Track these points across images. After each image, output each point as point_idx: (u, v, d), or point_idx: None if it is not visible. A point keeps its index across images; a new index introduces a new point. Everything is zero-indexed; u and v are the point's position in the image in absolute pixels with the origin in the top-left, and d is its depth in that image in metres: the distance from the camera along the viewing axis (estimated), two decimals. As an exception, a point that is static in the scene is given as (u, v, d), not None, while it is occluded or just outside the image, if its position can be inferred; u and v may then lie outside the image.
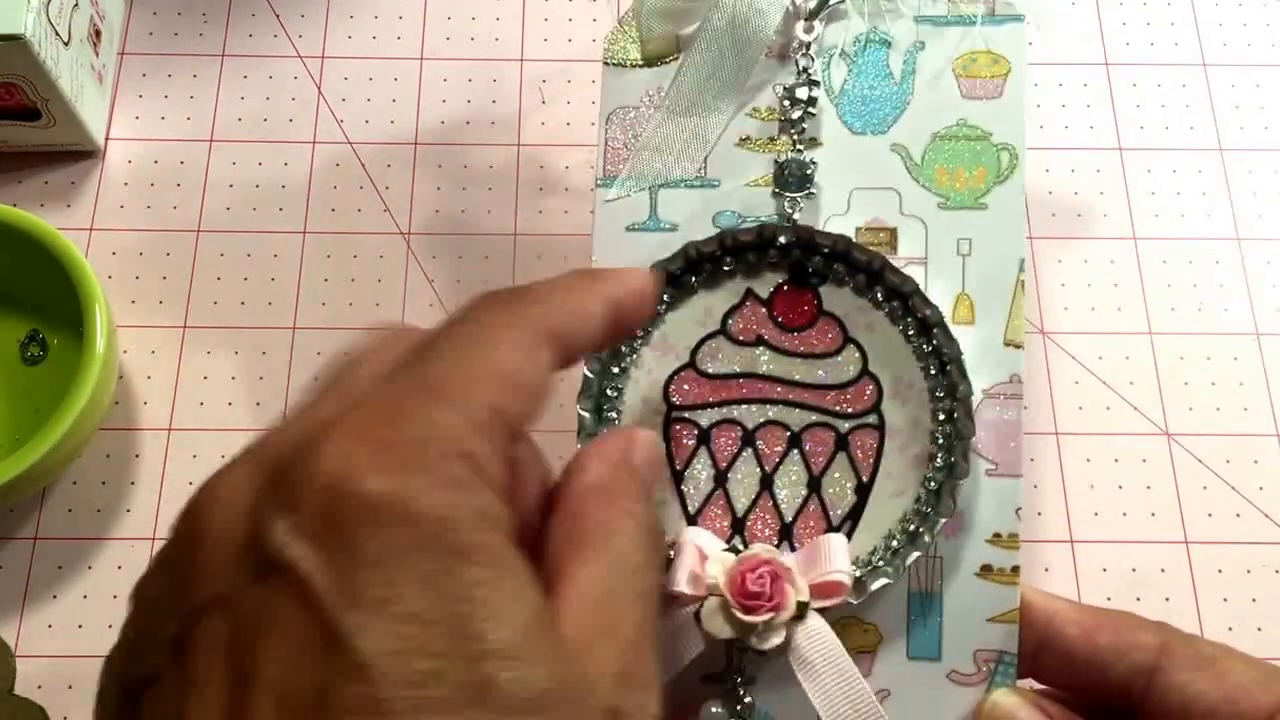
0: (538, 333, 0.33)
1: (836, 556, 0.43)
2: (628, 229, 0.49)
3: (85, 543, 0.61)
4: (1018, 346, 0.46)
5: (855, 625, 0.45)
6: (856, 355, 0.47)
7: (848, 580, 0.43)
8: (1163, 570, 0.60)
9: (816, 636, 0.43)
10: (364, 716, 0.26)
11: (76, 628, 0.59)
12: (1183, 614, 0.59)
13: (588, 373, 0.47)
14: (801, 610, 0.43)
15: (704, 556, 0.43)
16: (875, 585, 0.44)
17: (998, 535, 0.45)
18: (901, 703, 0.45)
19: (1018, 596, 0.45)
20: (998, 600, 0.45)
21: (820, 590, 0.43)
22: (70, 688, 0.58)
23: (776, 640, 0.42)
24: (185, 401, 0.64)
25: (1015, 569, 0.45)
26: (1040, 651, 0.44)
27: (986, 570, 0.45)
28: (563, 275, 0.36)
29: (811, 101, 0.49)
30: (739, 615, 0.42)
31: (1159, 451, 0.62)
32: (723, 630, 0.42)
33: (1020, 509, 0.45)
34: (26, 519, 0.61)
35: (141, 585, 0.31)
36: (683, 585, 0.43)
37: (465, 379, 0.31)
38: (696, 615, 0.43)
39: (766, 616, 0.42)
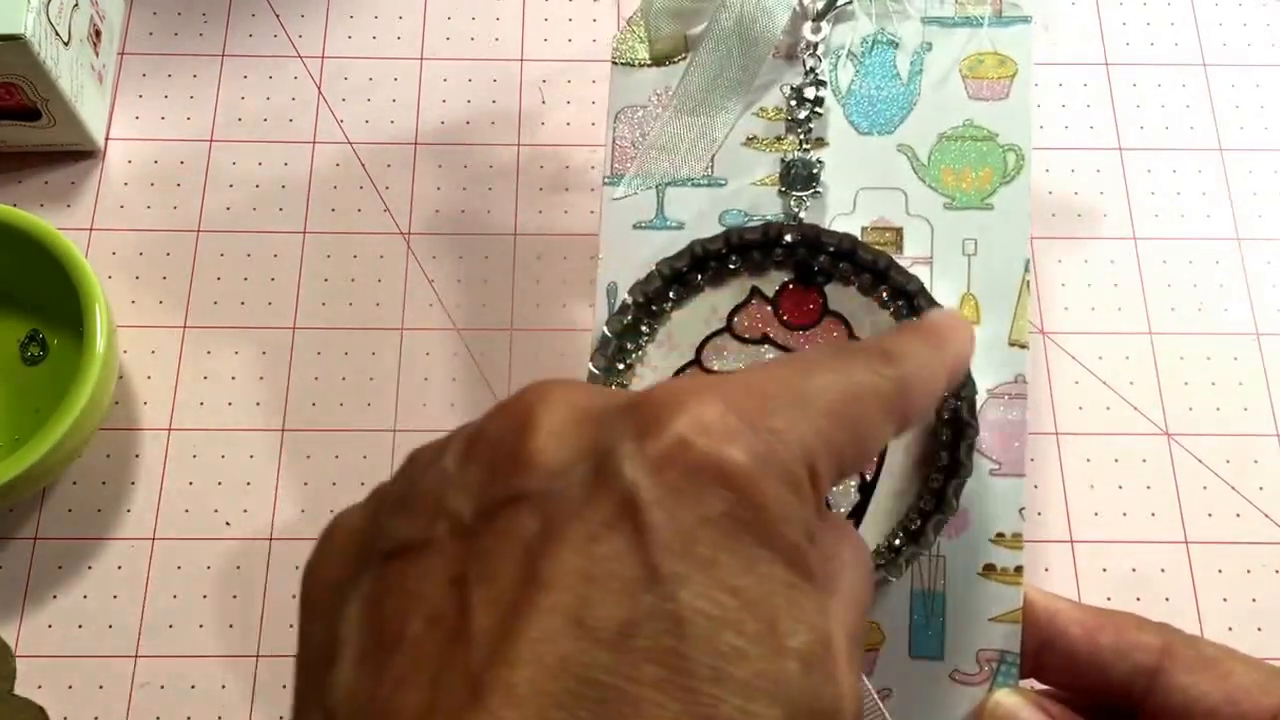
0: (892, 407, 0.32)
1: (839, 555, 0.44)
2: (634, 227, 0.49)
3: (85, 543, 0.61)
4: (1023, 346, 0.46)
5: (859, 624, 0.45)
6: (861, 354, 0.47)
7: (852, 579, 0.43)
8: (1163, 570, 0.60)
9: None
10: (665, 669, 0.25)
11: (76, 628, 0.59)
12: (1183, 614, 0.60)
13: (593, 369, 0.47)
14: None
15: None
16: (878, 583, 0.44)
17: (1001, 535, 0.45)
18: (903, 702, 0.45)
19: (1021, 596, 0.45)
20: (1000, 600, 0.45)
21: (823, 589, 0.43)
22: (70, 688, 0.58)
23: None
24: (185, 401, 0.63)
25: (1018, 569, 0.45)
26: (1042, 651, 0.44)
27: (989, 570, 0.45)
28: (910, 339, 0.35)
29: (818, 101, 0.49)
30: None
31: (1159, 451, 0.63)
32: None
33: (1024, 509, 0.45)
34: (26, 519, 0.61)
35: (432, 451, 0.30)
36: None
37: (829, 408, 0.30)
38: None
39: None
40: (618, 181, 0.50)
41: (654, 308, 0.47)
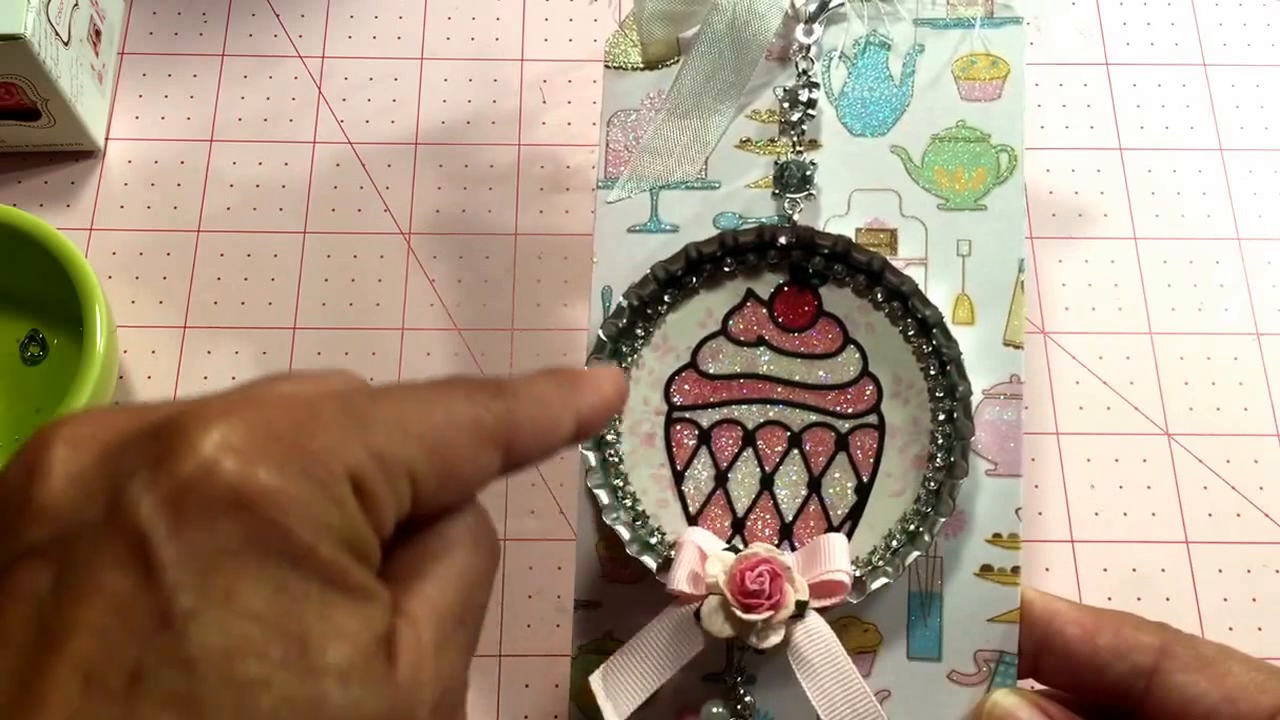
0: (495, 434, 0.32)
1: (836, 556, 0.44)
2: (629, 230, 0.49)
3: (86, 543, 0.61)
4: (1017, 347, 0.46)
5: (855, 625, 0.45)
6: (856, 356, 0.47)
7: (847, 580, 0.43)
8: (1163, 570, 0.60)
9: (815, 635, 0.43)
10: (178, 713, 0.24)
11: (77, 628, 0.59)
12: (1183, 614, 0.60)
13: (588, 373, 0.47)
14: (800, 609, 0.43)
15: (704, 556, 0.43)
16: (875, 585, 0.44)
17: (998, 535, 0.45)
18: (902, 703, 0.45)
19: (1018, 596, 0.45)
20: (998, 600, 0.45)
21: (820, 589, 0.43)
22: (71, 688, 0.58)
23: (775, 639, 0.43)
24: (185, 402, 0.63)
25: (1015, 569, 0.45)
26: (1041, 652, 0.44)
27: (986, 570, 0.45)
28: (538, 378, 0.34)
29: (811, 104, 0.49)
30: (738, 614, 0.42)
31: (1159, 451, 0.62)
32: (722, 629, 0.42)
33: (1020, 509, 0.45)
34: (27, 519, 0.61)
35: None
36: (683, 584, 0.43)
37: (393, 426, 0.29)
38: (696, 614, 0.43)
39: (765, 615, 0.42)
40: (611, 185, 0.50)
41: (649, 311, 0.48)
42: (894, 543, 0.45)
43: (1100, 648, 0.43)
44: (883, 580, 0.44)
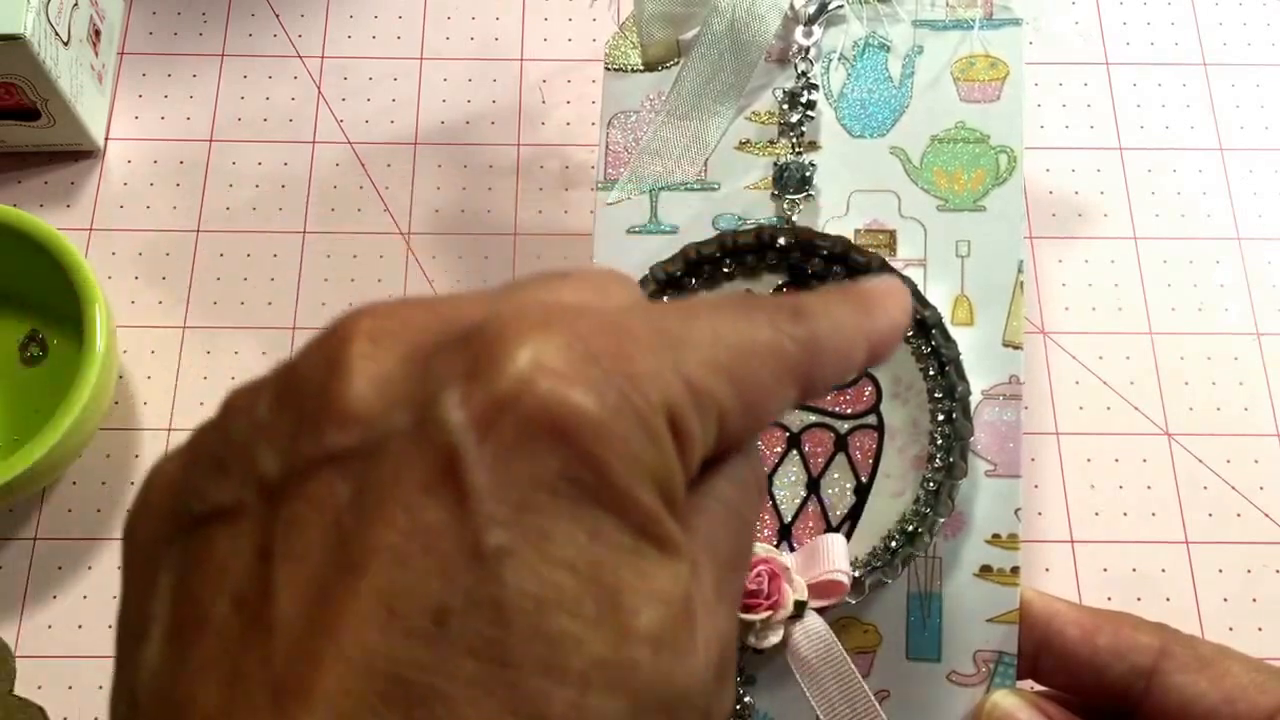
0: (794, 371, 0.28)
1: (835, 556, 0.44)
2: (628, 231, 0.49)
3: (85, 543, 0.61)
4: (1017, 347, 0.46)
5: (855, 626, 0.45)
6: (856, 356, 0.47)
7: (846, 580, 0.43)
8: (1163, 570, 0.60)
9: (814, 636, 0.43)
10: (485, 663, 0.22)
11: (76, 628, 0.59)
12: (1183, 614, 0.59)
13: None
14: (799, 609, 0.43)
15: (703, 557, 0.43)
16: (874, 585, 0.44)
17: (997, 536, 0.45)
18: (901, 703, 0.45)
19: (1017, 597, 0.45)
20: (997, 601, 0.45)
21: (819, 590, 0.43)
22: (70, 688, 0.58)
23: (774, 639, 0.43)
24: (185, 401, 0.63)
25: (1015, 569, 0.45)
26: (1040, 652, 0.44)
27: (986, 571, 0.45)
28: (832, 299, 0.30)
29: (811, 105, 0.49)
30: (737, 614, 0.42)
31: (1159, 451, 0.62)
32: (722, 630, 0.42)
33: (1019, 509, 0.45)
34: (26, 519, 0.61)
35: (246, 395, 0.26)
36: (682, 586, 0.43)
37: (710, 359, 0.26)
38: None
39: (764, 615, 0.42)
40: (611, 187, 0.50)
41: (648, 311, 0.47)
42: (893, 543, 0.45)
43: (1099, 648, 0.43)
44: (882, 580, 0.44)
